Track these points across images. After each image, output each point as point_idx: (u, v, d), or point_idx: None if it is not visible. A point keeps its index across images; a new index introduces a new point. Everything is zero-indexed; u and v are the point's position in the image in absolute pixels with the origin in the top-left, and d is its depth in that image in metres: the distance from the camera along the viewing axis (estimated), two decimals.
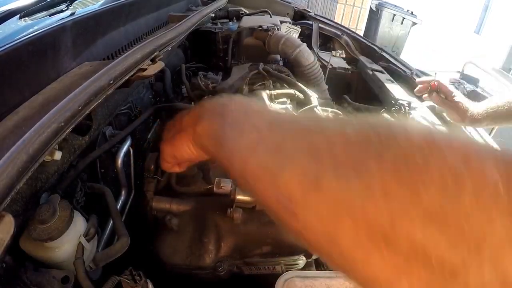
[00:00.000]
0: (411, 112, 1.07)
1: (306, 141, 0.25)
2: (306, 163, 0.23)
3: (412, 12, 4.41)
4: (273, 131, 0.28)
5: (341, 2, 4.74)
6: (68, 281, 0.47)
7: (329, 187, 0.21)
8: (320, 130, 0.25)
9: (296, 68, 1.24)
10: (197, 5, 1.56)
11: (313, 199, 0.22)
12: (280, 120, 0.29)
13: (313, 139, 0.24)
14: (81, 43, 0.68)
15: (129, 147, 0.73)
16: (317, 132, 0.25)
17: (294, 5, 1.95)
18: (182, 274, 0.68)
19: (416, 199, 0.18)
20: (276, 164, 0.25)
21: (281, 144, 0.26)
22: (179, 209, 0.68)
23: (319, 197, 0.21)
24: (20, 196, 0.45)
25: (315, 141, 0.24)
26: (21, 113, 0.47)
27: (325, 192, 0.21)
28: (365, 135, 0.22)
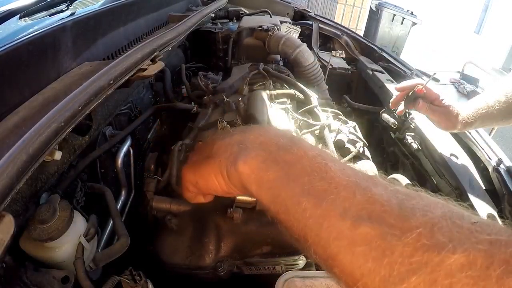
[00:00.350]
0: (411, 112, 1.07)
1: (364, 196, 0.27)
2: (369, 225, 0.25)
3: (412, 12, 4.41)
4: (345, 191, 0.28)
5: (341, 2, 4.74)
6: (68, 281, 0.47)
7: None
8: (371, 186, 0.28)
9: (296, 68, 1.24)
10: (197, 5, 1.56)
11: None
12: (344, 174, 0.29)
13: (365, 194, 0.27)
14: (81, 43, 0.68)
15: (129, 147, 0.73)
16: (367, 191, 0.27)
17: (294, 5, 1.95)
18: (182, 274, 0.68)
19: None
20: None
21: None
22: (179, 209, 0.68)
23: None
24: (20, 196, 0.45)
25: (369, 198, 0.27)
26: (21, 113, 0.47)
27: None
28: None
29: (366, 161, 0.95)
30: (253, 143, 0.33)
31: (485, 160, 0.88)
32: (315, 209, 0.27)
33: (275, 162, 0.31)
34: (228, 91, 0.98)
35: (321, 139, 0.94)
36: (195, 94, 1.03)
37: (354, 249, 0.24)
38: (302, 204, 0.28)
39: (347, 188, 0.27)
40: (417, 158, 1.04)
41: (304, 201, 0.28)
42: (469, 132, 0.98)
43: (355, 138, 1.00)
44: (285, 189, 0.29)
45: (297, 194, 0.28)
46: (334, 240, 0.25)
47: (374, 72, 1.36)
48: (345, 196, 0.27)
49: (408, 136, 1.06)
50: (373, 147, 1.19)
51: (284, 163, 0.31)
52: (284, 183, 0.29)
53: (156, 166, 0.73)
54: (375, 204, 0.26)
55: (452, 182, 0.85)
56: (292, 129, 0.88)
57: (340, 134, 0.98)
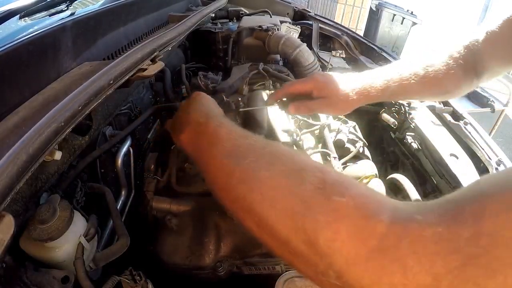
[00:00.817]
0: (411, 112, 1.07)
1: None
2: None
3: (412, 12, 4.41)
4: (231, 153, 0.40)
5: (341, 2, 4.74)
6: (68, 281, 0.47)
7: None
8: (263, 147, 0.38)
9: (296, 68, 1.24)
10: (197, 5, 1.56)
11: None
12: (238, 144, 0.41)
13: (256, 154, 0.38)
14: (81, 43, 0.68)
15: (129, 147, 0.73)
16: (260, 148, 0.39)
17: (294, 5, 1.95)
18: (182, 274, 0.68)
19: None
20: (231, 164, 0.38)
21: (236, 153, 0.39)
22: (179, 209, 0.68)
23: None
24: (20, 196, 0.45)
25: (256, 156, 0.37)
26: (21, 113, 0.47)
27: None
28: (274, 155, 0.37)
29: (366, 161, 0.95)
30: (190, 124, 0.50)
31: (485, 160, 0.88)
32: (210, 150, 0.42)
33: (195, 133, 0.48)
34: (228, 91, 0.98)
35: (321, 139, 0.94)
36: None
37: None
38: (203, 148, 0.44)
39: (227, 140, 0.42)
40: (417, 158, 1.04)
41: (205, 147, 0.44)
42: (469, 132, 0.98)
43: (355, 138, 1.00)
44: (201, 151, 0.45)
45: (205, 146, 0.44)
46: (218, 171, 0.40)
47: None
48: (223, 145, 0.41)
49: (408, 136, 1.06)
50: (373, 147, 1.19)
51: (200, 132, 0.47)
52: (196, 143, 0.47)
53: (156, 166, 0.73)
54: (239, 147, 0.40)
55: (452, 182, 0.85)
56: (292, 129, 0.88)
57: (340, 134, 0.98)
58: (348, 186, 0.30)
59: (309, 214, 0.29)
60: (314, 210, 0.29)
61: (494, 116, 2.88)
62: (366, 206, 0.28)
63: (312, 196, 0.30)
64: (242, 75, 1.05)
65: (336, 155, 0.85)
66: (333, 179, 0.31)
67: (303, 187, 0.31)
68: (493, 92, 3.21)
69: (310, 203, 0.29)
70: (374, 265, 0.25)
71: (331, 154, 0.84)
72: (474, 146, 0.94)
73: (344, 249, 0.26)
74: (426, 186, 0.98)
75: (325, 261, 0.27)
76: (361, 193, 0.29)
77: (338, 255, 0.26)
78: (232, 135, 0.42)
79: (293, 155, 0.36)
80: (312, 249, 0.28)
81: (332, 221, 0.28)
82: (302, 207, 0.30)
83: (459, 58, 0.63)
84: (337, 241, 0.27)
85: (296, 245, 0.29)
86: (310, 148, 0.90)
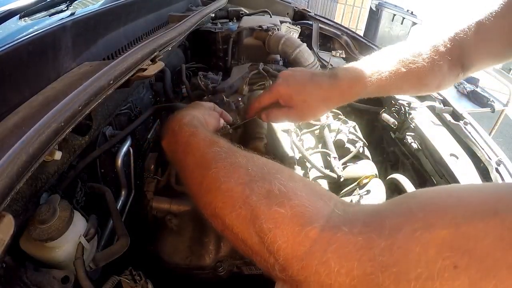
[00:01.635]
0: (411, 112, 1.07)
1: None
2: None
3: (412, 12, 4.41)
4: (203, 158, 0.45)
5: (341, 2, 4.74)
6: (68, 281, 0.47)
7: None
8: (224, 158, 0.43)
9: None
10: (197, 5, 1.56)
11: None
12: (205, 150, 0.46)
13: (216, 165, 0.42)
14: (81, 43, 0.68)
15: (129, 147, 0.73)
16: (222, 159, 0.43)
17: (294, 5, 1.95)
18: (182, 274, 0.68)
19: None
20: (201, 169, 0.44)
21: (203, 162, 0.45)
22: (179, 209, 0.68)
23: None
24: (20, 196, 0.45)
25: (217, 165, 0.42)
26: (21, 113, 0.47)
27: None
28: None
29: (366, 161, 0.95)
30: (169, 132, 0.54)
31: (485, 160, 0.88)
32: (185, 160, 0.47)
33: (173, 141, 0.52)
34: (228, 91, 0.98)
35: (321, 139, 0.94)
36: (195, 94, 1.03)
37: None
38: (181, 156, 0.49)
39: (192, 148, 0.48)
40: (417, 158, 1.04)
41: (182, 155, 0.49)
42: (469, 132, 0.98)
43: (355, 138, 1.00)
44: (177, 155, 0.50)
45: (180, 151, 0.49)
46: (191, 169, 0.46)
47: None
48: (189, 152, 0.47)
49: (408, 136, 1.06)
50: (373, 147, 1.19)
51: (175, 141, 0.52)
52: (175, 149, 0.51)
53: (156, 166, 0.73)
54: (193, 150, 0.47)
55: (452, 182, 0.85)
56: (292, 129, 0.88)
57: (340, 134, 0.98)
58: (291, 196, 0.35)
59: (257, 222, 0.34)
60: (260, 218, 0.34)
61: (494, 116, 2.89)
62: (303, 214, 0.33)
63: (258, 206, 0.35)
64: (242, 75, 1.05)
65: (336, 155, 0.85)
66: (279, 189, 0.36)
67: (252, 197, 0.36)
68: (493, 92, 3.21)
69: (257, 212, 0.35)
70: (306, 265, 0.30)
71: (331, 154, 0.84)
72: (474, 146, 0.94)
73: (283, 250, 0.32)
74: (426, 186, 0.98)
75: (272, 258, 0.33)
76: (301, 203, 0.34)
77: (280, 254, 0.32)
78: (201, 144, 0.47)
79: (249, 165, 0.41)
80: (263, 249, 0.34)
81: (273, 228, 0.33)
82: (251, 215, 0.35)
83: (446, 53, 0.62)
84: (277, 243, 0.32)
85: (251, 244, 0.35)
86: (310, 148, 0.90)
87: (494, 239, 0.22)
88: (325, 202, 0.35)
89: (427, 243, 0.24)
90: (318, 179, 0.78)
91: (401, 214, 0.28)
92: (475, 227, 0.23)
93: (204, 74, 1.09)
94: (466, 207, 0.25)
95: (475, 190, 0.28)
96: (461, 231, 0.23)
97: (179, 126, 0.53)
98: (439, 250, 0.23)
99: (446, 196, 0.28)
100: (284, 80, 0.63)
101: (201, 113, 0.60)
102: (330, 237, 0.29)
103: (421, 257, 0.24)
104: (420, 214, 0.26)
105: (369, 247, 0.26)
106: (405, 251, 0.25)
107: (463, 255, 0.22)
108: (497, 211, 0.23)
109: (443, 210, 0.26)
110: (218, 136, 0.50)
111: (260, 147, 0.75)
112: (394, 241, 0.26)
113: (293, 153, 0.78)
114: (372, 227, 0.28)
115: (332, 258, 0.28)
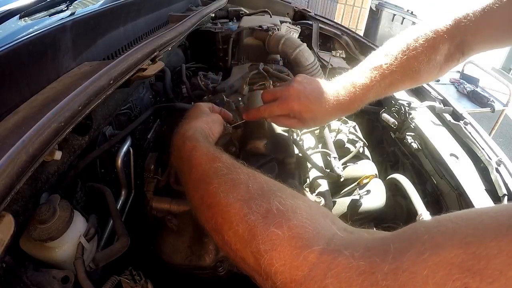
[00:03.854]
0: (411, 112, 1.07)
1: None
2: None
3: (412, 12, 4.41)
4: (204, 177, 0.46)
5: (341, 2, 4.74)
6: (68, 281, 0.47)
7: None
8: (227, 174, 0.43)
9: (296, 68, 1.24)
10: (197, 5, 1.56)
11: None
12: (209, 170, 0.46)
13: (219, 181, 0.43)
14: (81, 43, 0.68)
15: (129, 147, 0.73)
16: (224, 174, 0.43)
17: (294, 5, 1.95)
18: (182, 274, 0.68)
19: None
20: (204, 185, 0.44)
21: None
22: (179, 209, 0.68)
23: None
24: (20, 196, 0.45)
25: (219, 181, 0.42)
26: (21, 113, 0.47)
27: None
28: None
29: (366, 161, 0.95)
30: (177, 149, 0.55)
31: (485, 160, 0.88)
32: (189, 174, 0.48)
33: (178, 156, 0.54)
34: (228, 91, 0.98)
35: (321, 139, 0.94)
36: (195, 94, 1.03)
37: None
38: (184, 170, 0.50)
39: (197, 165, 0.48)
40: (417, 158, 1.04)
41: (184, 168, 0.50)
42: (469, 132, 0.98)
43: (355, 138, 1.00)
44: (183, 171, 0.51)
45: (184, 163, 0.51)
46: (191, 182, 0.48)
47: None
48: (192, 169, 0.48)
49: (408, 136, 1.06)
50: (373, 147, 1.19)
51: (180, 157, 0.53)
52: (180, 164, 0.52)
53: (156, 166, 0.73)
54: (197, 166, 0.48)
55: (452, 182, 0.85)
56: (292, 129, 0.88)
57: (340, 134, 0.98)
58: (290, 216, 0.34)
59: (254, 242, 0.34)
60: (257, 239, 0.33)
61: (494, 116, 2.89)
62: (301, 236, 0.32)
63: (255, 225, 0.34)
64: (242, 75, 1.05)
65: (336, 155, 0.85)
66: (277, 209, 0.35)
67: (250, 216, 0.35)
68: (493, 92, 3.21)
69: (254, 232, 0.34)
70: None
71: (331, 154, 0.84)
72: (474, 146, 0.94)
73: (280, 273, 0.30)
74: (426, 186, 0.98)
75: (270, 280, 0.32)
76: (300, 224, 0.33)
77: (278, 277, 0.31)
78: (203, 159, 0.48)
79: (250, 182, 0.41)
80: (260, 270, 0.33)
81: (269, 250, 0.32)
82: (249, 235, 0.34)
83: (445, 33, 0.61)
84: (275, 266, 0.31)
85: (249, 264, 0.35)
86: (310, 148, 0.90)
87: (507, 256, 0.21)
88: (327, 223, 0.34)
89: (435, 265, 0.23)
90: (318, 179, 0.78)
91: (407, 238, 0.27)
92: (486, 246, 0.22)
93: (204, 74, 1.09)
94: (476, 227, 0.24)
95: (484, 211, 0.26)
96: (472, 250, 0.22)
97: (182, 141, 0.53)
98: (448, 272, 0.22)
99: (454, 218, 0.26)
100: (296, 96, 0.65)
101: (204, 122, 0.60)
102: (330, 261, 0.28)
103: (429, 280, 0.22)
104: (426, 236, 0.25)
105: (372, 271, 0.25)
106: (411, 274, 0.23)
107: (474, 275, 0.21)
108: (510, 227, 0.22)
109: (452, 231, 0.25)
110: (220, 151, 0.50)
111: (260, 147, 0.75)
112: (400, 264, 0.24)
113: (293, 153, 0.78)
114: (376, 251, 0.27)
115: (332, 283, 0.27)
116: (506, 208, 0.25)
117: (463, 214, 0.26)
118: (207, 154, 0.49)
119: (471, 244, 0.22)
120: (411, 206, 0.82)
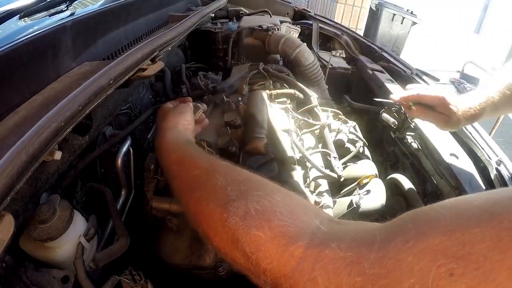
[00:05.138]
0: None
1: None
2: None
3: (412, 12, 4.40)
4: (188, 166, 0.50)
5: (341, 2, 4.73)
6: (68, 281, 0.47)
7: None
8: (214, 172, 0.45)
9: (296, 68, 1.24)
10: (197, 5, 1.56)
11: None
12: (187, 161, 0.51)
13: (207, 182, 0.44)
14: (81, 43, 0.68)
15: (129, 147, 0.73)
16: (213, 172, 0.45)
17: (294, 5, 1.95)
18: (182, 274, 0.68)
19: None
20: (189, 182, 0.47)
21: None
22: (179, 209, 0.68)
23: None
24: (20, 196, 0.45)
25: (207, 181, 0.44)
26: (21, 113, 0.47)
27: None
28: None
29: (366, 161, 0.95)
30: (163, 142, 0.58)
31: (485, 160, 0.88)
32: (173, 186, 0.50)
33: (163, 165, 0.56)
34: (228, 91, 0.98)
35: (321, 139, 0.94)
36: (195, 94, 1.03)
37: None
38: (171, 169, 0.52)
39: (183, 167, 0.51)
40: (417, 158, 1.04)
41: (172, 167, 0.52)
42: (469, 132, 0.98)
43: (355, 137, 1.00)
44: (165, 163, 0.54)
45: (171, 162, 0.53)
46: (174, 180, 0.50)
47: (374, 72, 1.36)
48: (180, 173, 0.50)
49: (408, 136, 1.06)
50: (373, 147, 1.19)
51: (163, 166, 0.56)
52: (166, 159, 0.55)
53: (156, 166, 0.73)
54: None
55: (452, 182, 0.85)
56: (292, 129, 0.88)
57: (340, 134, 0.98)
58: (269, 216, 0.34)
59: (238, 244, 0.34)
60: (241, 241, 0.34)
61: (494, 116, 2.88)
62: (284, 234, 0.32)
63: (236, 229, 0.35)
64: (242, 75, 1.05)
65: (336, 155, 0.85)
66: (255, 209, 0.35)
67: (231, 220, 0.36)
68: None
69: (236, 235, 0.35)
70: (295, 282, 0.29)
71: (331, 154, 0.84)
72: (474, 146, 0.94)
73: (269, 270, 0.32)
74: (426, 186, 0.98)
75: (262, 277, 0.33)
76: (281, 224, 0.33)
77: (267, 274, 0.32)
78: (182, 170, 0.50)
79: (228, 185, 0.41)
80: (251, 267, 0.34)
81: (254, 251, 0.33)
82: (233, 238, 0.35)
83: None
84: (262, 265, 0.32)
85: (240, 263, 0.36)
86: (310, 148, 0.90)
87: (491, 241, 0.21)
88: (310, 218, 0.34)
89: (420, 252, 0.23)
90: (318, 179, 0.78)
91: (392, 228, 0.28)
92: (470, 232, 0.22)
93: (204, 74, 1.09)
94: (460, 214, 0.24)
95: (468, 199, 0.27)
96: (456, 237, 0.23)
97: (160, 156, 0.57)
98: (433, 258, 0.22)
99: (438, 207, 0.27)
100: (448, 94, 0.77)
101: (172, 119, 0.64)
102: (317, 254, 0.29)
103: (414, 267, 0.23)
104: (411, 225, 0.26)
105: (359, 261, 0.26)
106: (397, 261, 0.24)
107: (459, 261, 0.21)
108: (493, 213, 0.22)
109: (436, 219, 0.25)
110: (198, 151, 0.54)
111: (260, 147, 0.75)
112: (385, 253, 0.25)
113: (293, 153, 0.78)
114: (362, 242, 0.28)
115: (321, 275, 0.27)
116: (489, 195, 0.26)
117: (448, 203, 0.27)
118: (184, 162, 0.51)
119: (456, 231, 0.23)
120: (411, 206, 0.82)
